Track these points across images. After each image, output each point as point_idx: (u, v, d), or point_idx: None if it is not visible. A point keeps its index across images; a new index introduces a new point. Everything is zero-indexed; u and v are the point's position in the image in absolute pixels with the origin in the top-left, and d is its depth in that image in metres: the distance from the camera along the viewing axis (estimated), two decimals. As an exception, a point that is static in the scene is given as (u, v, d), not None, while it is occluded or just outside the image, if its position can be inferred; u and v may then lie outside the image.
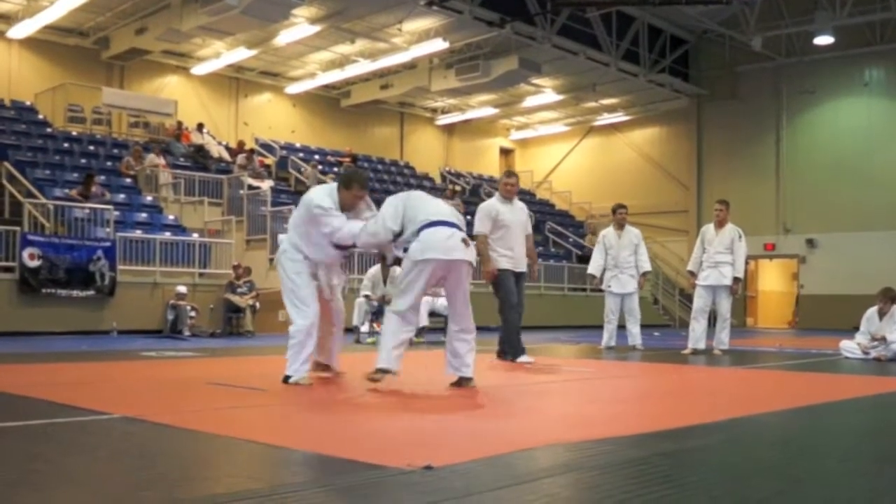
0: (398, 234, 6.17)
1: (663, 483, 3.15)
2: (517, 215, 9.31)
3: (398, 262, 6.78)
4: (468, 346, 6.27)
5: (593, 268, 12.68)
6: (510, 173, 9.74)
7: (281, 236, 7.04)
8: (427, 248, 5.95)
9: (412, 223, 6.10)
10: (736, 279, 11.28)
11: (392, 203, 6.27)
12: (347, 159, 27.42)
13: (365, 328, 13.99)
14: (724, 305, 11.37)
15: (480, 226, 9.23)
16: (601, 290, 12.82)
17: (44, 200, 16.49)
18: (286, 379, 6.23)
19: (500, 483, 3.07)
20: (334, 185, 6.56)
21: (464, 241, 6.08)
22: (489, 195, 29.78)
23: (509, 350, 9.17)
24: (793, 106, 27.85)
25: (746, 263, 11.58)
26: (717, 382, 7.92)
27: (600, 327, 12.55)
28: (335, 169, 25.90)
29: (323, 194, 6.42)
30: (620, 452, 3.75)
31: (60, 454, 3.75)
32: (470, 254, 6.11)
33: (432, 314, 14.18)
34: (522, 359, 8.99)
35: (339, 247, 6.42)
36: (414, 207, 6.19)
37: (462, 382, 6.26)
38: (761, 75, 28.33)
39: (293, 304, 6.36)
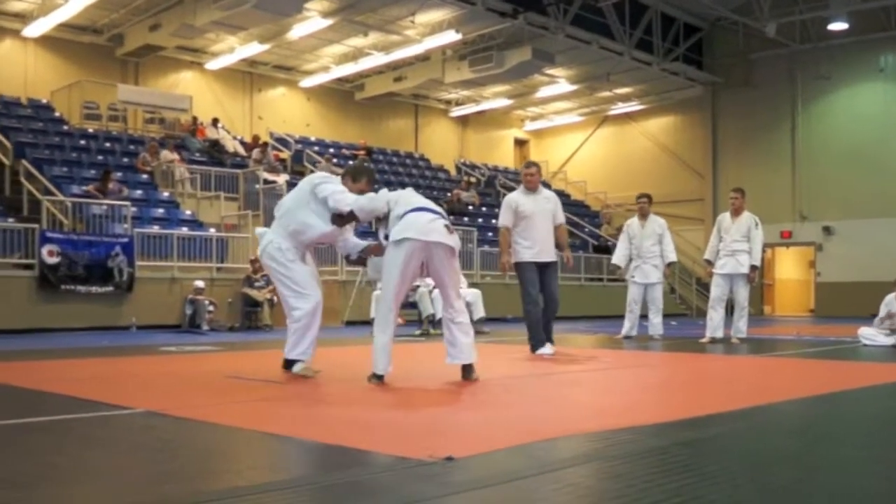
0: (386, 215, 6.25)
1: (684, 472, 3.16)
2: (540, 205, 9.16)
3: (362, 262, 6.89)
4: (462, 331, 6.17)
5: (617, 258, 12.67)
6: (529, 164, 9.60)
7: (259, 230, 6.96)
8: (405, 229, 5.95)
9: (398, 206, 6.16)
10: (753, 267, 11.24)
11: (389, 191, 6.48)
12: (362, 152, 27.46)
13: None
14: (742, 294, 11.34)
15: (502, 218, 9.26)
16: (620, 280, 12.79)
17: (62, 197, 16.59)
18: (290, 364, 6.22)
19: (523, 473, 3.08)
20: (337, 178, 6.65)
21: (446, 227, 6.07)
22: (504, 186, 29.99)
23: (530, 341, 9.18)
24: (808, 92, 27.67)
25: (763, 251, 11.52)
26: (735, 371, 7.91)
27: (618, 317, 12.54)
28: (350, 162, 25.93)
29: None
30: (641, 442, 3.76)
31: (83, 448, 3.80)
32: (452, 239, 6.06)
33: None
34: (540, 350, 8.99)
35: (340, 219, 6.40)
36: (405, 197, 6.30)
37: (464, 372, 6.18)
38: (776, 62, 28.14)
39: (292, 291, 6.34)
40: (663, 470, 3.17)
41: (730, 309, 11.58)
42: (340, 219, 6.43)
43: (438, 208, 6.28)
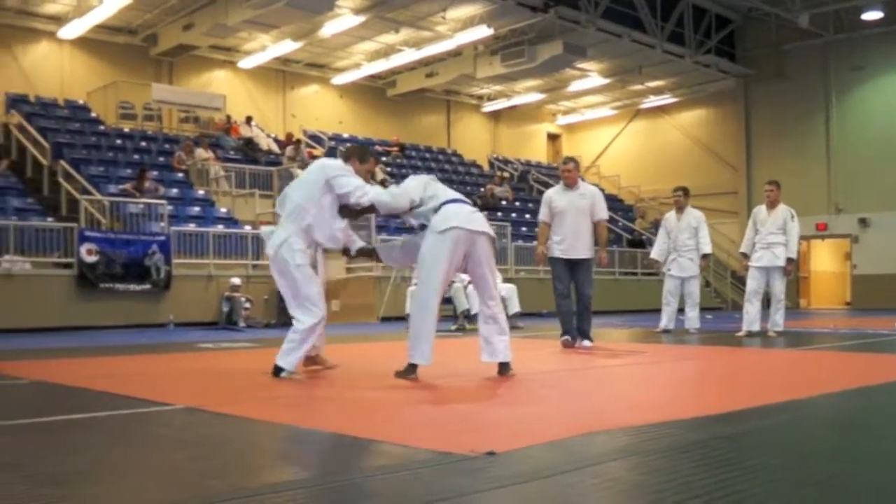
0: (414, 207, 6.14)
1: (724, 466, 3.15)
2: (574, 201, 9.09)
3: (368, 252, 6.74)
4: (498, 328, 6.11)
5: (656, 252, 12.66)
6: (567, 160, 9.47)
7: (265, 228, 6.52)
8: (449, 218, 5.90)
9: (433, 199, 6.08)
10: (789, 260, 11.14)
11: (417, 178, 6.35)
12: (395, 148, 27.53)
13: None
14: (778, 287, 11.25)
15: (540, 214, 9.35)
16: (654, 274, 12.75)
17: (99, 197, 16.79)
18: (278, 371, 6.04)
19: (563, 467, 3.09)
20: (339, 160, 6.44)
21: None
22: (537, 181, 29.96)
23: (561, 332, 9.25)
24: (842, 83, 27.33)
25: (798, 244, 11.42)
26: (772, 364, 7.86)
27: (652, 311, 12.51)
28: (383, 158, 26.02)
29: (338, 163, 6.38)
30: (680, 436, 3.76)
31: (125, 444, 3.84)
32: (490, 229, 6.10)
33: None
34: (579, 343, 9.01)
35: (351, 212, 6.19)
36: (437, 188, 6.23)
37: (501, 369, 6.14)
38: (809, 53, 27.83)
39: (299, 303, 6.08)
40: (703, 464, 3.17)
41: (766, 302, 11.50)
42: (351, 212, 6.22)
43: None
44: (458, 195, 6.26)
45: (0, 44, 22.54)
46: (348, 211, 6.19)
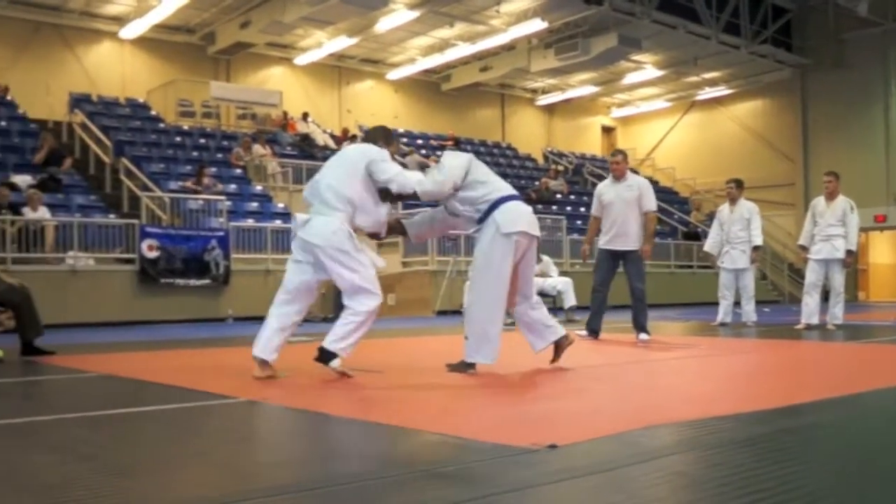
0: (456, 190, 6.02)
1: (788, 460, 3.13)
2: (621, 193, 9.15)
3: (399, 229, 6.53)
4: (543, 313, 6.18)
5: (709, 245, 12.58)
6: (615, 152, 9.59)
7: (301, 216, 5.95)
8: (517, 221, 5.83)
9: (483, 186, 5.96)
10: (849, 252, 10.99)
11: (457, 158, 6.11)
12: (450, 142, 27.57)
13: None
14: (838, 279, 11.11)
15: (592, 208, 9.53)
16: (710, 268, 12.66)
17: (159, 193, 17.06)
18: (328, 357, 5.63)
19: (626, 461, 3.09)
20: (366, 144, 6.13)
21: None
22: (592, 174, 29.81)
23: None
24: (902, 72, 26.81)
25: (858, 236, 11.25)
26: (833, 358, 7.76)
27: (709, 304, 12.42)
28: (437, 153, 26.05)
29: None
30: (741, 429, 3.73)
31: (192, 437, 3.92)
32: None
33: (540, 294, 14.21)
34: (578, 332, 8.97)
35: (392, 197, 5.95)
36: (483, 172, 6.10)
37: (561, 345, 6.16)
38: (868, 42, 27.26)
39: (359, 288, 5.68)
40: (766, 458, 3.15)
41: (824, 295, 11.36)
42: (392, 197, 5.97)
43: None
44: (510, 188, 6.16)
45: (64, 45, 23.05)
46: (389, 196, 5.94)
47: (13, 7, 21.98)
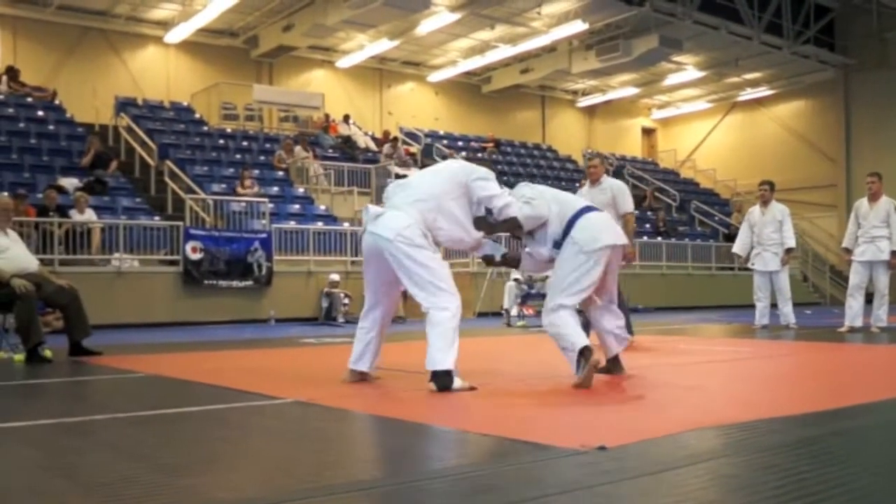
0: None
1: (839, 463, 3.12)
2: (595, 197, 8.67)
3: (512, 262, 6.08)
4: (621, 320, 5.89)
5: (738, 247, 12.45)
6: (591, 156, 9.38)
7: (373, 208, 5.54)
8: (601, 234, 5.47)
9: (561, 207, 5.64)
10: (894, 253, 10.85)
11: (539, 190, 5.79)
12: (490, 145, 27.59)
13: (515, 311, 14.14)
14: (882, 281, 10.97)
15: None
16: (750, 270, 12.56)
17: (203, 196, 17.23)
18: (445, 380, 5.09)
19: (675, 463, 3.08)
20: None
21: None
22: (633, 176, 29.66)
23: None
24: (949, 72, 26.36)
25: (901, 237, 11.09)
26: (878, 360, 7.66)
27: (750, 306, 12.30)
28: (479, 154, 26.11)
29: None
30: (790, 432, 3.71)
31: (243, 436, 3.97)
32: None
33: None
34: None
35: (488, 226, 5.63)
36: (559, 196, 5.80)
37: (617, 357, 5.92)
38: (913, 41, 26.92)
39: (436, 288, 5.28)
40: (817, 461, 3.13)
41: (868, 297, 11.22)
42: (488, 225, 5.67)
43: None
44: (583, 201, 5.92)
45: (110, 50, 23.39)
46: (486, 225, 5.63)
47: (61, 13, 22.33)
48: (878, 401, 4.67)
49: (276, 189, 19.41)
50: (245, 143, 22.07)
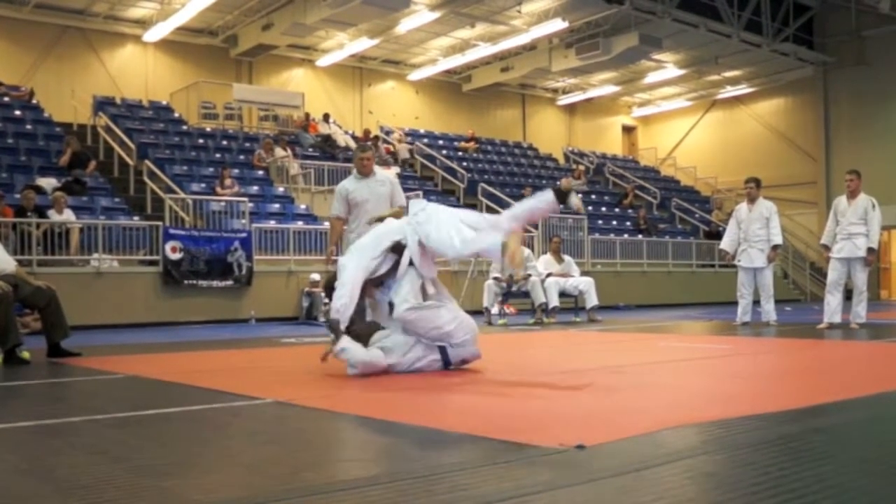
0: None
1: (818, 460, 3.13)
2: (375, 189, 8.43)
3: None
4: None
5: (725, 243, 12.53)
6: (363, 147, 8.85)
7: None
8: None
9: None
10: (870, 250, 10.94)
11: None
12: (471, 143, 27.61)
13: (495, 310, 14.15)
14: (860, 278, 11.06)
15: (333, 209, 8.69)
16: (731, 267, 12.61)
17: (183, 195, 17.15)
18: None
19: (655, 461, 3.09)
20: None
21: None
22: (613, 174, 29.75)
23: None
24: (926, 69, 26.52)
25: (879, 234, 11.19)
26: (857, 357, 7.72)
27: (731, 304, 12.36)
28: (459, 153, 26.12)
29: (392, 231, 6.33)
30: (769, 429, 3.72)
31: (222, 437, 3.95)
32: None
33: (562, 294, 14.26)
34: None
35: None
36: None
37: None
38: (890, 39, 27.02)
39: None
40: (796, 458, 3.14)
41: (847, 293, 11.30)
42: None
43: None
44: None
45: (88, 49, 23.27)
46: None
47: (38, 11, 22.18)
48: (857, 397, 4.71)
49: (255, 188, 19.35)
50: (225, 143, 22.00)
